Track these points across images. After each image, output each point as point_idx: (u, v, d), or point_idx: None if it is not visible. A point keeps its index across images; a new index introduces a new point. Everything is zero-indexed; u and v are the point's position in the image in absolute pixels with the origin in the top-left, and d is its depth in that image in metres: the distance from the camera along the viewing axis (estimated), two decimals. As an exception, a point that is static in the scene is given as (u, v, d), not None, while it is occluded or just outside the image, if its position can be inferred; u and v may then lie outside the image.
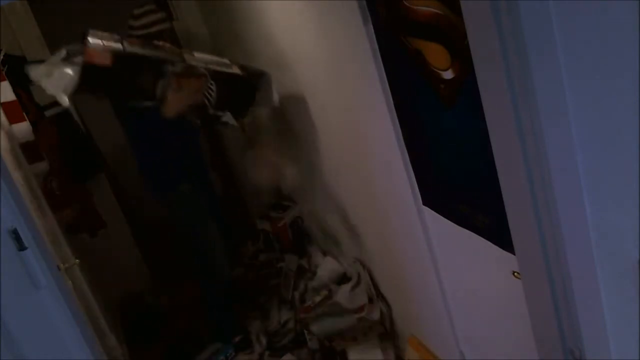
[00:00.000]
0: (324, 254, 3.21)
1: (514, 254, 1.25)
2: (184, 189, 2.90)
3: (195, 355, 3.15)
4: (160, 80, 2.56)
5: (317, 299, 2.84)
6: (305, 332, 2.85)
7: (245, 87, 2.82)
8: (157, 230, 3.41)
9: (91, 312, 2.73)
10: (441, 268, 2.01)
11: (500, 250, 1.49)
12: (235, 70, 2.79)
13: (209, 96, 2.68)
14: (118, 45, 2.46)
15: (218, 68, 2.73)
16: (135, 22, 2.81)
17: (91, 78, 2.43)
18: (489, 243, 1.55)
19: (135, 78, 2.57)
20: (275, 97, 2.82)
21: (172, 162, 2.89)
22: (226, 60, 2.81)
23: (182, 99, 2.58)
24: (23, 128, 2.53)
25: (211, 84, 2.67)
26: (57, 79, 2.32)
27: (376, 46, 1.70)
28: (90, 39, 2.39)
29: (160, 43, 2.72)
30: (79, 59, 2.33)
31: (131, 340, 3.41)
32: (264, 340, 3.04)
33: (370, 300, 2.76)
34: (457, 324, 2.11)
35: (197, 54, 2.74)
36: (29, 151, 2.51)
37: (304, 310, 2.88)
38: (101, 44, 2.41)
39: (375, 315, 2.69)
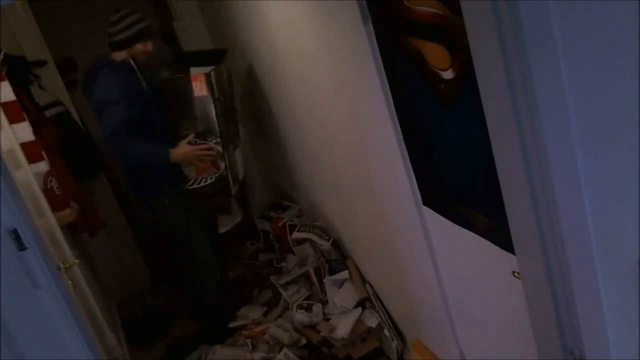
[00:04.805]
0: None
1: (514, 254, 1.25)
2: (162, 202, 2.97)
3: (187, 355, 3.16)
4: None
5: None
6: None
7: None
8: (156, 231, 3.42)
9: (91, 312, 2.73)
10: (441, 268, 2.01)
11: (500, 250, 1.49)
12: None
13: None
14: None
15: None
16: (113, 28, 2.83)
17: None
18: (489, 243, 1.55)
19: None
20: None
21: (150, 178, 2.96)
22: None
23: None
24: (23, 128, 2.52)
25: None
26: None
27: (376, 46, 1.70)
28: None
29: None
30: None
31: (131, 340, 3.42)
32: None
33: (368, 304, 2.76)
34: (457, 323, 2.11)
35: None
36: (29, 151, 2.51)
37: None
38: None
39: (374, 322, 2.70)
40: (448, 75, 1.41)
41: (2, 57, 2.70)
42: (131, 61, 2.87)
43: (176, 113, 2.93)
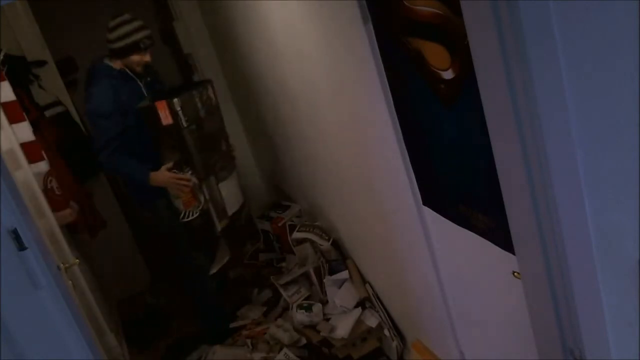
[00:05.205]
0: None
1: (514, 254, 1.25)
2: (160, 204, 2.98)
3: (187, 355, 3.16)
4: None
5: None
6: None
7: None
8: (156, 231, 3.43)
9: (91, 312, 2.73)
10: (441, 268, 2.01)
11: (500, 250, 1.49)
12: None
13: None
14: None
15: None
16: (111, 34, 2.80)
17: None
18: (489, 243, 1.55)
19: None
20: None
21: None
22: None
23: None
24: (23, 128, 2.52)
25: None
26: None
27: (376, 46, 1.70)
28: None
29: None
30: None
31: (131, 340, 3.42)
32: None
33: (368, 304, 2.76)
34: (457, 323, 2.11)
35: None
36: (29, 151, 2.51)
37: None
38: None
39: (374, 322, 2.70)
40: (448, 75, 1.41)
41: (2, 57, 2.70)
42: (127, 70, 2.86)
43: (155, 142, 2.83)
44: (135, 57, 2.82)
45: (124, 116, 2.78)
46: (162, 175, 2.82)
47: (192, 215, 2.87)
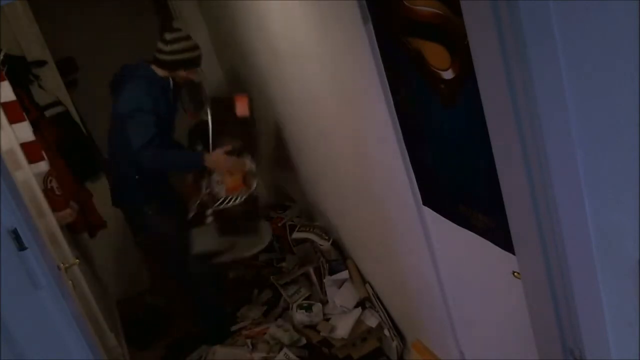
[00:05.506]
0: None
1: (514, 254, 1.25)
2: (149, 209, 3.01)
3: (187, 355, 3.16)
4: None
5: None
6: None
7: None
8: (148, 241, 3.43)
9: (91, 312, 2.73)
10: (441, 268, 2.01)
11: (500, 250, 1.49)
12: None
13: None
14: None
15: None
16: (166, 46, 2.85)
17: None
18: (489, 243, 1.55)
19: None
20: None
21: (138, 187, 3.00)
22: None
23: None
24: (23, 128, 2.52)
25: None
26: None
27: (376, 46, 1.70)
28: None
29: None
30: None
31: (131, 340, 3.41)
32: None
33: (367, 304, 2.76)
34: (457, 323, 2.11)
35: None
36: (29, 151, 2.51)
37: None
38: None
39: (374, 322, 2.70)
40: (448, 75, 1.41)
41: (2, 57, 2.70)
42: (171, 82, 2.92)
43: (220, 129, 3.03)
44: (181, 73, 2.92)
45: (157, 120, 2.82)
46: (217, 156, 2.96)
47: (236, 201, 2.99)
